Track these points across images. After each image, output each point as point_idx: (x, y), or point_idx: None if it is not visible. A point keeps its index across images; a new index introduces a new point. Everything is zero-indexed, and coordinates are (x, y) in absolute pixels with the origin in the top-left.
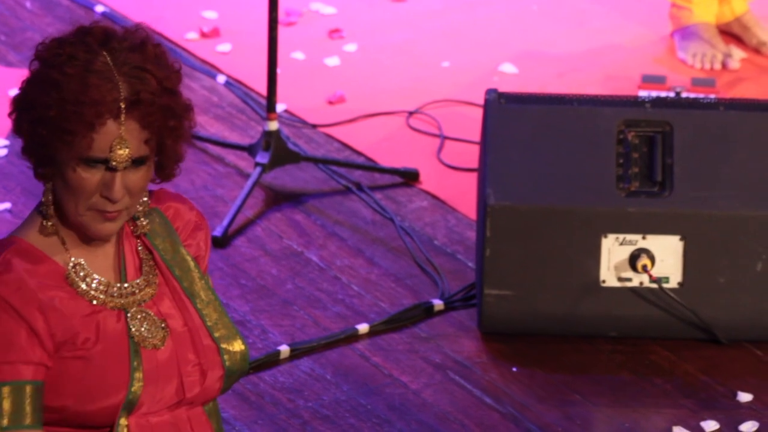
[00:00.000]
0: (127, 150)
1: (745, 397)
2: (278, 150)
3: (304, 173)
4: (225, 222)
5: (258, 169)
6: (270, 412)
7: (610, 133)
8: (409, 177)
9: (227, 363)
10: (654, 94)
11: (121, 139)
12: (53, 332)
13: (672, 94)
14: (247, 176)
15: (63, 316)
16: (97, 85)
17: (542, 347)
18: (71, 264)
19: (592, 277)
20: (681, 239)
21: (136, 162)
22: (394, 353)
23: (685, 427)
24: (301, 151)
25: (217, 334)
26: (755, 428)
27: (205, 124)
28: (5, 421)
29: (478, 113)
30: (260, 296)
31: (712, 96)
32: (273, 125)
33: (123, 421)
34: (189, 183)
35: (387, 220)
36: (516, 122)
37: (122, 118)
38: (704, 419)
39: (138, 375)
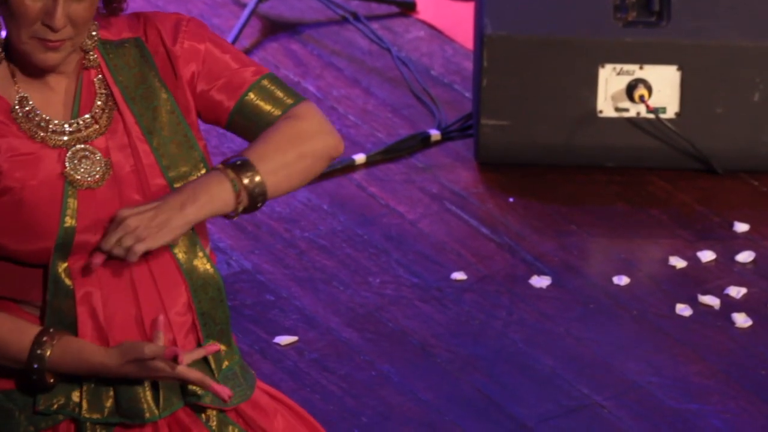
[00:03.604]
0: None
1: (741, 227)
2: None
3: (300, 3)
4: None
5: None
6: (267, 242)
7: None
8: (406, 7)
9: None
10: None
11: None
12: None
13: None
14: (243, 6)
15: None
16: None
17: (538, 177)
18: (17, 98)
19: (589, 108)
20: (678, 69)
21: None
22: (391, 183)
23: (682, 257)
24: None
25: (172, 174)
26: (751, 258)
27: None
28: None
29: None
30: None
31: None
32: None
33: (62, 264)
34: (185, 12)
35: (384, 50)
36: None
37: None
38: (700, 249)
39: (70, 216)
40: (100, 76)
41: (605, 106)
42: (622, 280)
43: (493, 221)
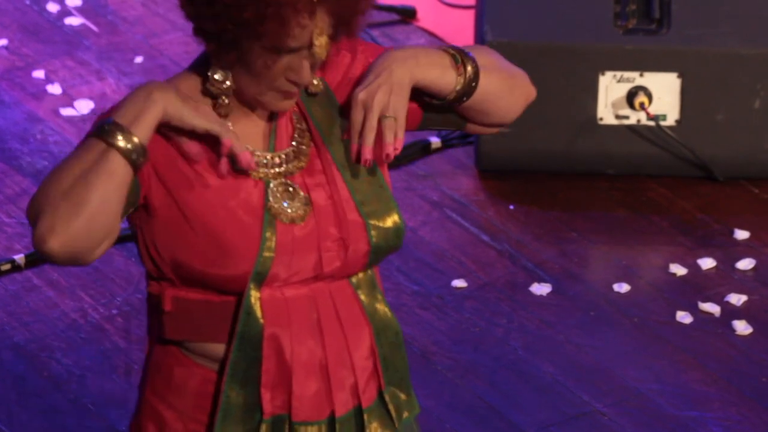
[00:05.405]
0: (325, 37)
1: (741, 234)
2: None
3: None
4: None
5: None
6: None
7: None
8: (407, 14)
9: (374, 239)
10: None
11: (319, 28)
12: (168, 183)
13: None
14: None
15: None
16: None
17: (539, 185)
18: None
19: (590, 115)
20: (678, 76)
21: None
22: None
23: (682, 264)
24: None
25: (365, 209)
26: (752, 266)
27: None
28: None
29: None
30: None
31: None
32: None
33: (255, 293)
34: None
35: None
36: None
37: (315, 10)
38: (701, 257)
39: (269, 247)
40: (296, 110)
41: (606, 114)
42: (623, 287)
43: (494, 228)
